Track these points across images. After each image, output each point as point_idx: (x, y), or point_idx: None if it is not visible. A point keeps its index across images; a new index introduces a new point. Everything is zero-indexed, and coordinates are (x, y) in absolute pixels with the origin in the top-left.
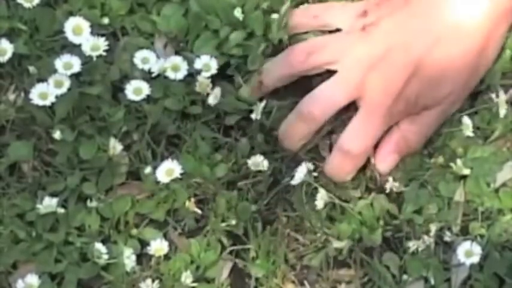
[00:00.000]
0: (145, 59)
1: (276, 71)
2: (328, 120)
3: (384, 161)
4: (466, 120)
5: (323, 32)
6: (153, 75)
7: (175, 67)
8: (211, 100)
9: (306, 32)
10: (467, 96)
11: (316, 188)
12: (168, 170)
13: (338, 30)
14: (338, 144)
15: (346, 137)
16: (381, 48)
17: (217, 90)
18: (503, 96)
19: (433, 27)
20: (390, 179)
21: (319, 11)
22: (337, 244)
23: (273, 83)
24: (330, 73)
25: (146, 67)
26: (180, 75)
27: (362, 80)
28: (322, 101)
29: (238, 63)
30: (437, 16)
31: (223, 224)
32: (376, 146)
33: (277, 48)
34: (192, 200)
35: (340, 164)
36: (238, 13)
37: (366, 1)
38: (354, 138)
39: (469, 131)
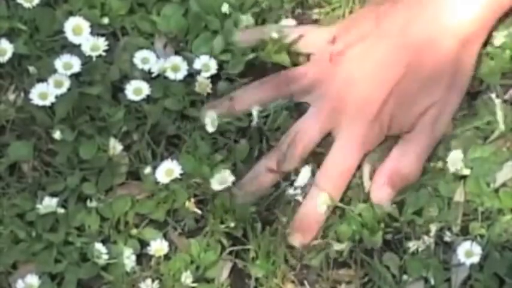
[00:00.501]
0: (145, 59)
1: (250, 98)
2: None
3: (378, 194)
4: (455, 155)
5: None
6: (153, 75)
7: (175, 67)
8: (209, 128)
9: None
10: (453, 113)
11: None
12: (168, 171)
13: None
14: (316, 182)
15: (323, 175)
16: (349, 79)
17: (212, 114)
18: (497, 96)
19: (402, 50)
20: None
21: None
22: (337, 246)
23: (244, 109)
24: None
25: (146, 67)
26: (180, 75)
27: (333, 111)
28: (298, 140)
29: None
30: (407, 36)
31: (223, 226)
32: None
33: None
34: (192, 200)
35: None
36: (225, 8)
37: (337, 25)
38: (331, 175)
39: (454, 167)
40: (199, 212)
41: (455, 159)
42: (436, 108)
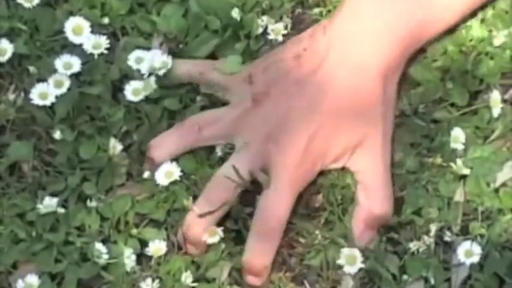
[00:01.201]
0: (139, 58)
1: (167, 146)
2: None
3: (362, 239)
4: (457, 132)
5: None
6: (144, 76)
7: (163, 65)
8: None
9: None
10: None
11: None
12: (167, 173)
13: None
14: (251, 228)
15: (258, 220)
16: (274, 118)
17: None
18: (497, 96)
19: (328, 89)
20: None
21: (205, 68)
22: (337, 247)
23: (164, 157)
24: None
25: (141, 67)
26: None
27: (261, 153)
28: (225, 184)
29: None
30: (331, 77)
31: (222, 228)
32: None
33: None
34: (190, 198)
35: (260, 249)
36: (235, 14)
37: (250, 66)
38: (267, 218)
39: (458, 144)
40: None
41: (456, 137)
42: (372, 139)
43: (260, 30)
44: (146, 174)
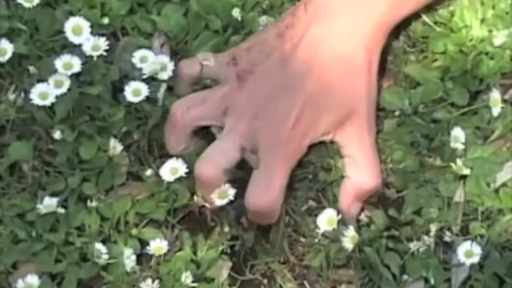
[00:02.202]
0: (144, 58)
1: (166, 135)
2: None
3: (350, 211)
4: (457, 132)
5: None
6: (144, 76)
7: (163, 67)
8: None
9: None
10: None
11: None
12: (173, 169)
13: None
14: (246, 206)
15: (250, 198)
16: (261, 95)
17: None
18: (497, 95)
19: (312, 62)
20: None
21: (190, 64)
22: (337, 248)
23: (171, 146)
24: None
25: (144, 67)
26: (165, 75)
27: (249, 130)
28: (215, 162)
29: None
30: (307, 54)
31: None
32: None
33: None
34: (200, 194)
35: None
36: (236, 13)
37: (233, 48)
38: (259, 196)
39: (458, 143)
40: (208, 205)
41: (456, 137)
42: (358, 111)
43: (261, 29)
44: (148, 172)
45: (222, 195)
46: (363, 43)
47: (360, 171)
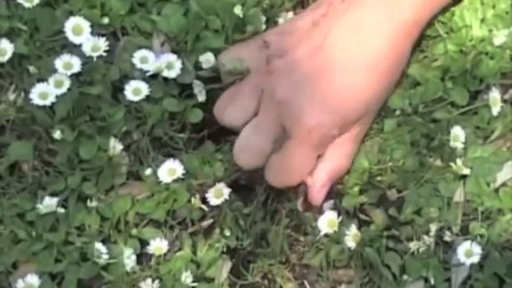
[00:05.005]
0: (144, 58)
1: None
2: None
3: (319, 194)
4: (457, 131)
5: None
6: (148, 74)
7: (169, 66)
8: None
9: None
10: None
11: None
12: (170, 170)
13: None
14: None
15: (268, 178)
16: (289, 81)
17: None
18: (497, 95)
19: (338, 54)
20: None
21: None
22: (337, 248)
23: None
24: None
25: (145, 66)
26: (173, 73)
27: (278, 116)
28: (249, 150)
29: None
30: (342, 44)
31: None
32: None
33: None
34: (198, 196)
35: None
36: (238, 10)
37: (265, 33)
38: (276, 177)
39: (457, 143)
40: (205, 208)
41: (456, 136)
42: (368, 116)
43: (263, 27)
44: (148, 172)
45: (218, 194)
46: (391, 39)
47: (342, 152)
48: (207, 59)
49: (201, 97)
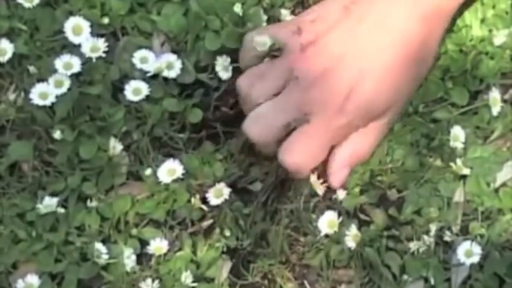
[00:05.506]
0: (144, 58)
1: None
2: None
3: (338, 176)
4: (457, 131)
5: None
6: (149, 74)
7: (169, 66)
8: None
9: None
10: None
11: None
12: (170, 170)
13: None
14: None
15: (282, 152)
16: (319, 68)
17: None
18: (497, 95)
19: (370, 40)
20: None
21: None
22: (337, 248)
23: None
24: None
25: (145, 67)
26: (173, 73)
27: (302, 100)
28: (261, 123)
29: None
30: (373, 29)
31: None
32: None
33: None
34: (198, 196)
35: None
36: (238, 9)
37: (298, 18)
38: (290, 154)
39: (457, 143)
40: (205, 208)
41: (456, 136)
42: (396, 106)
43: (264, 25)
44: (148, 172)
45: (218, 194)
46: (422, 26)
47: (366, 140)
48: (263, 42)
49: (227, 74)
